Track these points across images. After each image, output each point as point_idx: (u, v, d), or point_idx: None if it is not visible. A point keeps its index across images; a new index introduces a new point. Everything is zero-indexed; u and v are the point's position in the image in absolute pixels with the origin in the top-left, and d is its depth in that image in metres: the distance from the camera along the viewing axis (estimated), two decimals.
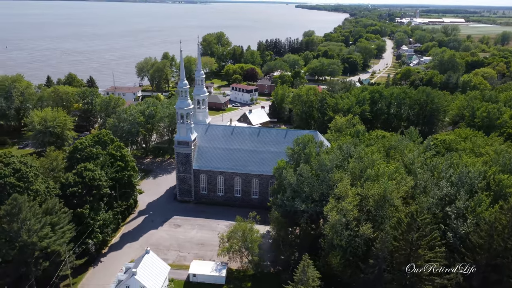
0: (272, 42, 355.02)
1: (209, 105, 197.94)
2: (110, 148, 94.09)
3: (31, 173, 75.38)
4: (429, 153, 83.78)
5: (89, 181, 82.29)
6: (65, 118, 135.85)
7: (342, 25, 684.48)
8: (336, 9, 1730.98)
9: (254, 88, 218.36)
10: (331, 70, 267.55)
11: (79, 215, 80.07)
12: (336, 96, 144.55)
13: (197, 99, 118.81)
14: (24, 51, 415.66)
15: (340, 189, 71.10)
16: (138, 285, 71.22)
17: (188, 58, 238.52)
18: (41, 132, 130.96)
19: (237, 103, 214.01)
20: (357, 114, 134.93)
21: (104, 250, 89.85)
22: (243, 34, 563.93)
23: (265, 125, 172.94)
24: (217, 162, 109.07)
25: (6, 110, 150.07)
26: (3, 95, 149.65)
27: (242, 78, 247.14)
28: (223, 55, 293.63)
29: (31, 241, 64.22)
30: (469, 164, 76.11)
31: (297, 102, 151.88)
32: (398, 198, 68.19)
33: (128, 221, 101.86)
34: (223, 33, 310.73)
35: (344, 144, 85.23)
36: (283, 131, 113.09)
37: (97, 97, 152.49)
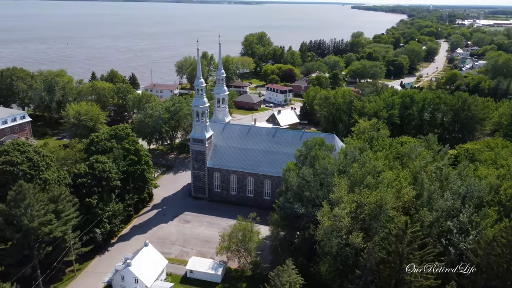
0: (316, 43, 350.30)
1: (241, 104, 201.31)
2: (125, 143, 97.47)
3: (43, 163, 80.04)
4: (443, 162, 78.44)
5: (99, 173, 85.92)
6: (98, 112, 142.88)
7: (396, 26, 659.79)
8: (394, 10, 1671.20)
9: (288, 89, 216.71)
10: (373, 72, 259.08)
11: (87, 205, 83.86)
12: (364, 99, 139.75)
13: (217, 98, 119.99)
14: (83, 48, 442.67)
15: (336, 195, 68.73)
16: (132, 276, 73.37)
17: (226, 57, 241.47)
18: (75, 124, 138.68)
19: (271, 103, 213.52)
20: (384, 119, 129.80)
21: (113, 240, 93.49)
22: (289, 35, 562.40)
23: (294, 126, 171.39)
24: (230, 161, 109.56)
25: (48, 103, 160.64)
26: (47, 89, 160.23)
27: (280, 78, 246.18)
28: (264, 55, 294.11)
29: (32, 226, 68.14)
30: (483, 176, 70.48)
31: (324, 104, 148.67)
32: (393, 208, 64.67)
33: (140, 214, 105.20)
34: (265, 33, 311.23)
35: (349, 148, 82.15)
36: (299, 133, 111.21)
37: (130, 93, 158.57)
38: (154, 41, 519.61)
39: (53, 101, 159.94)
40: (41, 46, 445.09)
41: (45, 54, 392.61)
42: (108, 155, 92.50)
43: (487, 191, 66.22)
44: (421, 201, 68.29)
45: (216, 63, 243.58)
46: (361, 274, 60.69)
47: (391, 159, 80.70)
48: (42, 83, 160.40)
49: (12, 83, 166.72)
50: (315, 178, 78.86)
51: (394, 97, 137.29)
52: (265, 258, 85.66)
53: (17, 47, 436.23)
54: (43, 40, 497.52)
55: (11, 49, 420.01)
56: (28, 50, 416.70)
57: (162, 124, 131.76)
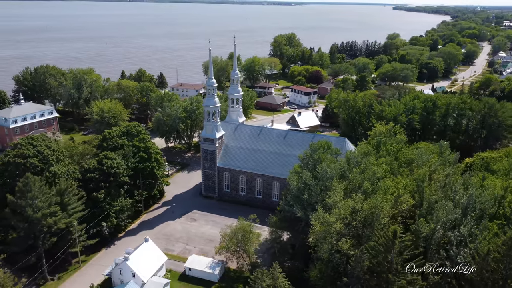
0: (347, 44, 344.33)
1: (264, 105, 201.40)
2: (135, 140, 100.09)
3: (53, 157, 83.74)
4: (448, 170, 75.02)
5: (107, 169, 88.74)
6: (120, 110, 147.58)
7: (437, 28, 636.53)
8: (437, 11, 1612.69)
9: (313, 91, 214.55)
10: (404, 75, 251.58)
11: (94, 199, 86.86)
12: (384, 103, 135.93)
13: (231, 98, 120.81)
14: (120, 47, 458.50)
15: (331, 199, 67.46)
16: (129, 270, 75.22)
17: (253, 58, 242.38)
18: (98, 121, 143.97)
19: (294, 105, 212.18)
20: (403, 123, 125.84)
21: (120, 234, 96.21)
22: (324, 36, 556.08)
23: (314, 128, 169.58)
24: (240, 162, 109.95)
25: (76, 100, 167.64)
26: (75, 86, 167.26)
27: (306, 80, 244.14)
28: (292, 56, 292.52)
29: (36, 217, 71.44)
30: (488, 187, 66.85)
31: (343, 107, 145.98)
32: (389, 217, 62.63)
33: (150, 210, 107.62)
34: (295, 34, 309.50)
35: (352, 153, 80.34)
36: (310, 135, 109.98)
37: (153, 92, 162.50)
38: (191, 41, 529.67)
39: (80, 98, 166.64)
40: (82, 45, 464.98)
41: (84, 53, 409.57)
42: (118, 151, 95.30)
43: (491, 203, 62.67)
44: (420, 210, 65.71)
45: (243, 64, 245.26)
46: (348, 282, 59.24)
47: (395, 165, 78.12)
48: (71, 80, 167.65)
49: (45, 80, 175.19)
50: (317, 182, 77.82)
51: (415, 101, 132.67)
52: (265, 260, 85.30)
53: (61, 45, 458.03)
54: (85, 40, 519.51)
55: (54, 47, 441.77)
56: (70, 48, 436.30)
57: (179, 123, 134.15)
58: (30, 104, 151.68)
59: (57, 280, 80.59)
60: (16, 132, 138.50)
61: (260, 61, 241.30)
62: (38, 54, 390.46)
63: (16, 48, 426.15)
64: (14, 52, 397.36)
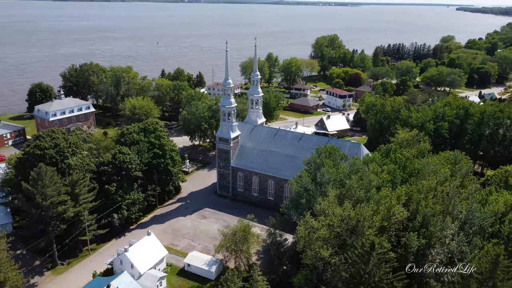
0: (394, 47, 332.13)
1: (297, 107, 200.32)
2: (151, 137, 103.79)
3: (68, 149, 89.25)
4: (454, 182, 70.61)
5: (119, 163, 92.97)
6: (151, 107, 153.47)
7: (500, 30, 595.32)
8: (506, 13, 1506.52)
9: (349, 94, 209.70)
10: (451, 80, 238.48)
11: (106, 191, 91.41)
12: (412, 109, 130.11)
13: (251, 99, 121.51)
14: (171, 47, 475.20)
15: (320, 205, 66.17)
16: (128, 261, 78.38)
17: (291, 59, 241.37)
18: (130, 117, 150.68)
19: (328, 108, 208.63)
20: (430, 131, 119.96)
21: (132, 226, 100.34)
22: (373, 37, 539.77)
23: (343, 132, 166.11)
24: (254, 163, 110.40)
25: (114, 96, 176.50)
26: (114, 83, 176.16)
27: (344, 83, 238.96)
28: (333, 58, 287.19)
29: (45, 204, 76.61)
30: (491, 202, 62.32)
31: (371, 111, 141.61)
32: (375, 227, 60.34)
33: (164, 205, 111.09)
34: (337, 35, 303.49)
35: (355, 159, 78.10)
36: (325, 139, 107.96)
37: (184, 91, 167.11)
38: (240, 42, 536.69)
39: (118, 94, 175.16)
40: (133, 44, 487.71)
41: (136, 51, 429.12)
42: (133, 147, 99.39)
43: (491, 220, 58.37)
44: (413, 223, 62.63)
45: (280, 65, 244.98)
46: None
47: (398, 175, 74.88)
48: (110, 78, 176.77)
49: (88, 77, 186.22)
50: (316, 187, 76.65)
51: (446, 108, 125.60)
52: (265, 262, 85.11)
53: (115, 44, 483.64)
54: (138, 39, 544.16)
55: (110, 46, 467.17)
56: (123, 47, 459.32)
57: (202, 122, 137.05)
58: (69, 99, 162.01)
59: (66, 265, 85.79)
60: (55, 124, 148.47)
61: (298, 62, 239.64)
62: (94, 51, 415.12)
63: (74, 46, 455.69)
64: (74, 50, 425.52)
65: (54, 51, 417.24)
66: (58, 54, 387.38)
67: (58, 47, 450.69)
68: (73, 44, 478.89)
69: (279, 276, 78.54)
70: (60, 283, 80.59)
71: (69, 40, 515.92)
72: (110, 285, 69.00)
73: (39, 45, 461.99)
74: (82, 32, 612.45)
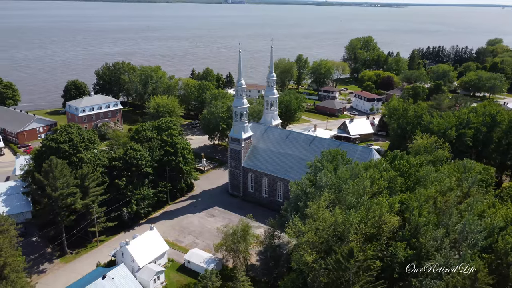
0: (434, 49, 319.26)
1: (323, 109, 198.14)
2: (164, 135, 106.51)
3: (82, 144, 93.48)
4: (453, 192, 67.33)
5: (129, 159, 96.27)
6: (174, 106, 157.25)
7: None
8: None
9: (377, 97, 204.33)
10: (491, 85, 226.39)
11: (116, 186, 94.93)
12: (435, 114, 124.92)
13: (266, 100, 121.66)
14: (207, 47, 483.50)
15: (310, 209, 65.38)
16: (129, 254, 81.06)
17: (320, 61, 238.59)
18: (154, 115, 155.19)
19: (355, 111, 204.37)
20: (451, 138, 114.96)
21: (142, 221, 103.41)
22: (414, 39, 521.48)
23: (366, 136, 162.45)
24: (264, 164, 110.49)
25: (142, 94, 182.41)
26: (142, 82, 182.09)
27: (376, 86, 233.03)
28: (367, 60, 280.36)
29: (54, 195, 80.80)
30: (490, 215, 58.99)
31: (393, 116, 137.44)
32: (361, 234, 58.86)
33: (176, 202, 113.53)
34: (372, 37, 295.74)
35: (354, 165, 76.39)
36: (336, 143, 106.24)
37: (208, 90, 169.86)
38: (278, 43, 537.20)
39: (146, 93, 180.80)
40: (174, 43, 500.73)
41: (173, 51, 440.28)
42: (145, 144, 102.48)
43: (484, 234, 55.29)
44: (403, 233, 60.48)
45: (310, 66, 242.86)
46: None
47: (398, 182, 72.47)
48: (139, 76, 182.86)
49: (119, 75, 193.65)
50: (315, 190, 75.75)
51: (471, 115, 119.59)
52: (264, 263, 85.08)
53: (157, 43, 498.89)
54: (178, 39, 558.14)
55: (151, 45, 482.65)
56: (163, 46, 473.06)
57: (220, 121, 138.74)
58: (98, 96, 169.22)
59: (75, 254, 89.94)
60: (84, 120, 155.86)
61: (328, 64, 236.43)
62: (136, 51, 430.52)
63: (117, 45, 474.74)
64: (117, 49, 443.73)
65: (97, 49, 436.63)
66: (101, 53, 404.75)
67: (103, 45, 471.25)
68: (117, 43, 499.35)
69: (273, 279, 78.32)
70: (67, 271, 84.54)
71: (113, 39, 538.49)
72: (106, 275, 71.69)
73: (85, 44, 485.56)
74: (127, 32, 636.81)
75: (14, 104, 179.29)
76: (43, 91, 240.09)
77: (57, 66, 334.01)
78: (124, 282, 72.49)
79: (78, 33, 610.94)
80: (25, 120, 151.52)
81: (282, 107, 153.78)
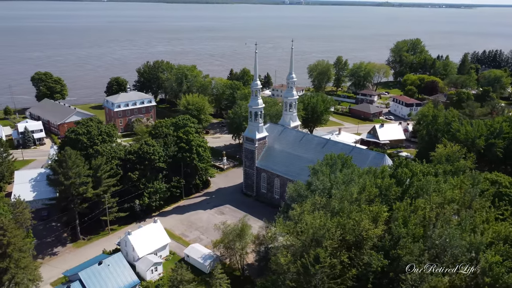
0: (490, 53, 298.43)
1: (357, 113, 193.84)
2: (180, 132, 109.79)
3: (99, 137, 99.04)
4: (450, 207, 63.31)
5: (142, 153, 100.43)
6: (203, 104, 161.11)
7: None
8: None
9: (416, 102, 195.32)
10: None
11: (129, 178, 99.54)
12: (465, 122, 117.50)
13: (285, 102, 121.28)
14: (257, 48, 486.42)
15: (293, 212, 64.82)
16: (130, 244, 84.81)
17: (360, 64, 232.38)
18: (183, 112, 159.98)
19: (392, 116, 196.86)
20: (480, 148, 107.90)
21: (154, 213, 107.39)
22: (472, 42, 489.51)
23: (397, 142, 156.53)
24: (276, 165, 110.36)
25: (177, 92, 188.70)
26: (177, 80, 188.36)
27: (419, 90, 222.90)
28: (413, 64, 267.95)
29: (67, 184, 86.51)
30: (478, 231, 55.10)
31: (422, 123, 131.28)
32: (335, 240, 57.40)
33: (190, 197, 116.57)
34: (419, 40, 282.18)
35: (348, 171, 74.42)
36: (349, 147, 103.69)
37: (239, 90, 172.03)
38: (329, 44, 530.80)
39: (180, 91, 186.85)
40: (224, 43, 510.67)
41: (221, 51, 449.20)
42: (160, 140, 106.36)
43: (463, 249, 51.82)
44: (383, 243, 58.15)
45: (349, 69, 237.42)
46: None
47: (393, 190, 69.53)
48: (174, 75, 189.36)
49: (157, 73, 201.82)
50: (311, 193, 74.91)
51: (504, 124, 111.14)
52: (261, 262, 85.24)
53: (209, 43, 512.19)
54: (230, 39, 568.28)
55: (202, 45, 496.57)
56: (213, 46, 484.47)
57: (243, 121, 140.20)
58: (134, 93, 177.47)
59: (87, 240, 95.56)
60: (119, 115, 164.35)
61: (368, 66, 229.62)
62: (187, 50, 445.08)
63: (170, 44, 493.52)
64: (170, 48, 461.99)
65: (150, 48, 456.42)
66: (153, 52, 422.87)
67: (156, 45, 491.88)
68: (170, 43, 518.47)
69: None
70: (77, 255, 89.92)
71: (168, 39, 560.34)
72: (102, 262, 75.69)
73: (141, 43, 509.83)
74: (183, 32, 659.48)
75: (62, 98, 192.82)
76: (92, 86, 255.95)
77: (112, 63, 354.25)
78: (119, 270, 76.08)
79: (138, 33, 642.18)
80: (67, 113, 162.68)
81: (309, 109, 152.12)
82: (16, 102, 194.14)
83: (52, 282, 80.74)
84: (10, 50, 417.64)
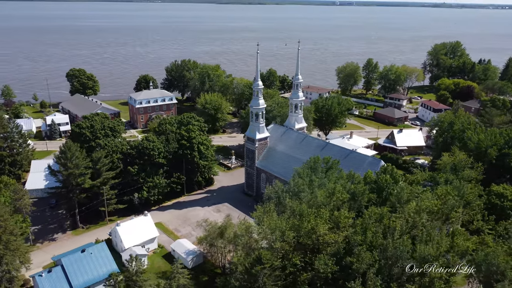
0: None
1: (381, 117, 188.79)
2: (183, 129, 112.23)
3: (101, 131, 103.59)
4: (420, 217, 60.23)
5: (142, 149, 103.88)
6: (221, 103, 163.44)
7: None
8: None
9: (445, 108, 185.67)
10: None
11: (127, 172, 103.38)
12: (478, 130, 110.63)
13: (291, 103, 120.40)
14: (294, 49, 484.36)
15: (255, 213, 64.81)
16: (118, 235, 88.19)
17: (391, 67, 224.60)
18: (201, 111, 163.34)
19: (418, 121, 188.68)
20: (491, 158, 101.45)
21: (154, 207, 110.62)
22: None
23: (416, 149, 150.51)
24: (275, 166, 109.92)
25: (200, 91, 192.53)
26: (201, 79, 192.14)
27: (453, 95, 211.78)
28: (451, 67, 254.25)
29: (65, 174, 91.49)
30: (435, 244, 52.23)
31: (438, 129, 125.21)
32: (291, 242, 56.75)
33: (191, 194, 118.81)
34: (459, 42, 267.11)
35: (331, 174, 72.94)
36: (346, 151, 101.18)
37: None
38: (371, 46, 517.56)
39: (203, 89, 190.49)
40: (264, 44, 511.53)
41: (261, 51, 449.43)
42: (161, 136, 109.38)
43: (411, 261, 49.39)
44: (338, 248, 56.63)
45: (380, 71, 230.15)
46: None
47: (366, 197, 67.41)
48: (198, 74, 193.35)
49: (183, 72, 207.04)
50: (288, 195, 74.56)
51: None
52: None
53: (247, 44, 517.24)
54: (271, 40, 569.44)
55: (240, 46, 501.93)
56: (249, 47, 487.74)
57: None
58: (156, 90, 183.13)
59: (86, 229, 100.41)
60: (140, 112, 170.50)
61: (398, 70, 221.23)
62: (225, 50, 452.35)
63: (211, 45, 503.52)
64: (210, 48, 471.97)
65: (190, 49, 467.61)
66: (193, 52, 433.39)
67: (198, 45, 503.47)
68: (212, 43, 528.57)
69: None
70: (74, 242, 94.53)
71: (209, 39, 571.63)
72: (85, 250, 79.38)
73: (180, 43, 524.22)
74: (226, 33, 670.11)
75: (93, 94, 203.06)
76: (125, 83, 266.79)
77: (148, 61, 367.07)
78: (100, 259, 79.25)
79: (183, 33, 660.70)
80: (93, 107, 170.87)
81: (324, 111, 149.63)
82: (52, 97, 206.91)
83: (44, 266, 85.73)
84: (63, 48, 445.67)
